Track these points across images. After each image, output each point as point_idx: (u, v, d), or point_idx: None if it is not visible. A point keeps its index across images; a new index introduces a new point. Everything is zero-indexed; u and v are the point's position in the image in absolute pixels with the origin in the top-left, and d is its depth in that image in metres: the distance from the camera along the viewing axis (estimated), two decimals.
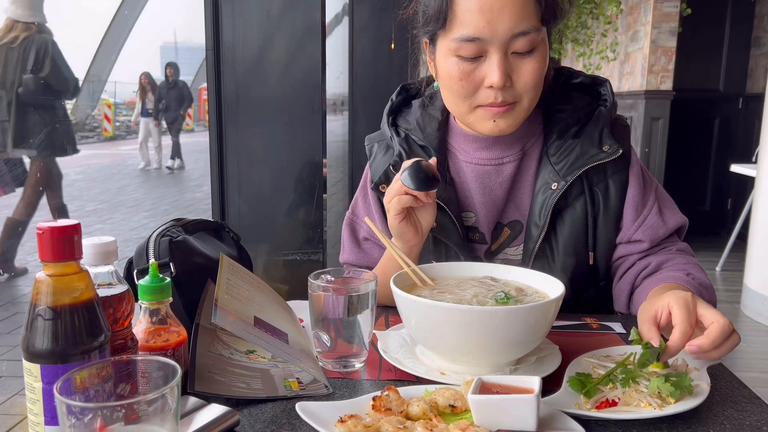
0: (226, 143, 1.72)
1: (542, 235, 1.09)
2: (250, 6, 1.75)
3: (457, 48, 0.98)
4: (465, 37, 0.96)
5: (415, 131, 1.15)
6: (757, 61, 5.49)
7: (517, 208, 1.14)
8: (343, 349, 0.88)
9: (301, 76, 1.80)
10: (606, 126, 1.11)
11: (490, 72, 0.97)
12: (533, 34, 0.96)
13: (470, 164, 1.13)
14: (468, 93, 1.01)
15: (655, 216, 1.12)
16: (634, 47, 5.16)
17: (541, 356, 0.90)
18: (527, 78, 0.99)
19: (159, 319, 0.79)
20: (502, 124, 1.03)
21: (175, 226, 1.01)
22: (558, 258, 1.11)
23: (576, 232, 1.11)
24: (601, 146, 1.09)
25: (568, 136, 1.10)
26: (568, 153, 1.09)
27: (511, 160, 1.12)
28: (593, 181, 1.11)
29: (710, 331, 0.79)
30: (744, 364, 3.16)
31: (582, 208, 1.11)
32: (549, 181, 1.09)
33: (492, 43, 0.96)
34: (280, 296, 1.05)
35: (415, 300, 0.83)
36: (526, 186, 1.14)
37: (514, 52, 0.98)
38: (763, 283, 3.74)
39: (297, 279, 1.81)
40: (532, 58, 0.98)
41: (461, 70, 0.99)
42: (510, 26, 0.95)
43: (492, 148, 1.12)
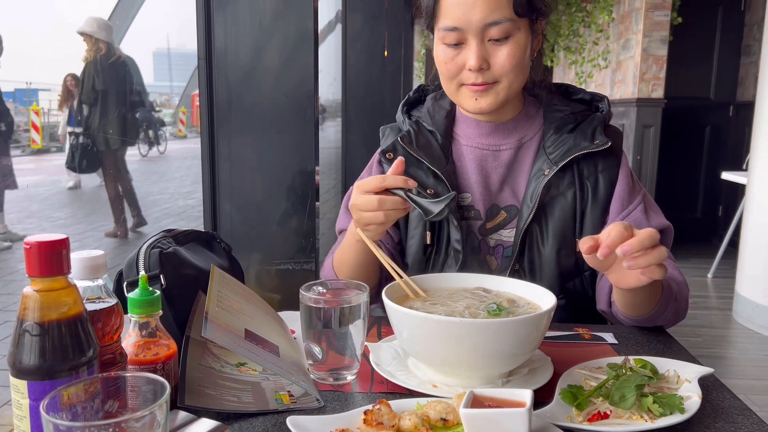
0: (218, 151, 1.72)
1: (531, 215, 1.17)
2: (242, 14, 1.75)
3: (442, 36, 1.13)
4: (447, 27, 1.11)
5: (425, 118, 1.29)
6: (747, 70, 5.53)
7: (513, 195, 1.23)
8: (334, 361, 0.88)
9: (294, 83, 1.80)
10: (599, 125, 1.21)
11: (468, 57, 1.11)
12: (506, 23, 1.09)
13: (470, 148, 1.24)
14: (452, 74, 1.14)
15: (639, 213, 1.19)
16: (626, 55, 5.19)
17: (533, 368, 0.90)
18: (503, 62, 1.11)
19: (149, 333, 0.78)
20: (483, 102, 1.14)
21: (166, 237, 1.00)
22: (547, 242, 1.18)
23: (565, 218, 1.18)
24: (593, 140, 1.19)
25: (563, 132, 1.21)
26: (562, 144, 1.19)
27: (507, 148, 1.23)
28: (584, 174, 1.20)
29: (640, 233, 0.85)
30: (737, 372, 3.17)
31: (572, 197, 1.19)
32: (542, 168, 1.19)
33: (468, 31, 1.10)
34: (272, 307, 1.05)
35: (407, 312, 0.82)
36: (523, 174, 1.23)
37: (491, 39, 1.10)
38: (754, 290, 3.75)
39: (289, 289, 1.80)
40: (507, 45, 1.10)
41: (446, 55, 1.13)
42: (482, 17, 1.08)
43: (491, 135, 1.23)
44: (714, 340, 3.61)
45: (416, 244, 1.23)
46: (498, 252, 1.23)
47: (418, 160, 1.21)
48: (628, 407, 0.76)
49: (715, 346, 3.53)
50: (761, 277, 3.71)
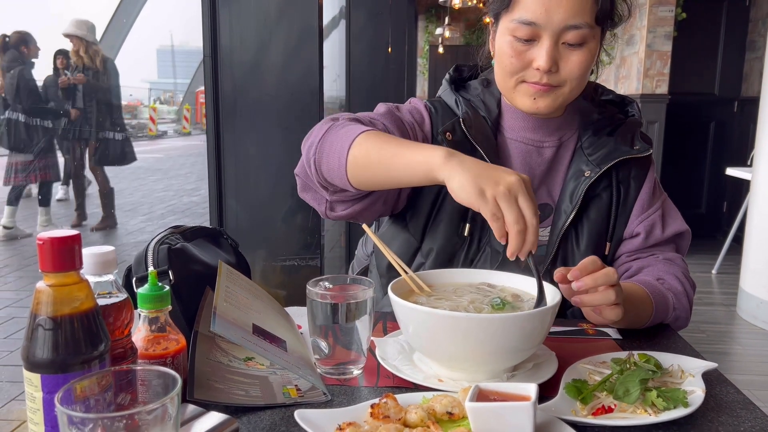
0: (223, 148, 1.73)
1: (571, 217, 1.16)
2: (247, 11, 1.76)
3: (514, 28, 1.07)
4: (523, 20, 1.05)
5: (477, 102, 1.23)
6: (751, 65, 5.52)
7: (548, 193, 1.23)
8: (341, 356, 0.89)
9: (299, 80, 1.81)
10: (637, 132, 1.23)
11: (539, 55, 1.06)
12: (585, 29, 1.05)
13: (515, 141, 1.22)
14: (516, 69, 1.10)
15: (657, 217, 1.21)
16: (630, 51, 5.18)
17: (537, 362, 0.91)
18: (572, 68, 1.08)
19: (158, 327, 0.79)
20: (541, 102, 1.11)
21: (174, 233, 1.01)
22: (582, 243, 1.18)
23: (600, 220, 1.19)
24: (633, 145, 1.20)
25: (602, 134, 1.21)
26: (602, 147, 1.19)
27: (550, 145, 1.22)
28: (620, 177, 1.21)
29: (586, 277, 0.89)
30: (741, 368, 3.17)
31: (608, 198, 1.20)
32: (582, 169, 1.18)
33: (546, 29, 1.05)
34: (278, 303, 1.06)
35: (412, 307, 0.83)
36: (560, 173, 1.23)
37: (565, 42, 1.06)
38: (758, 286, 3.75)
39: (295, 284, 1.81)
40: (580, 51, 1.07)
41: (514, 49, 1.08)
42: (564, 17, 1.04)
43: (536, 131, 1.21)
44: (718, 335, 3.61)
45: (446, 232, 1.16)
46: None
47: (474, 148, 1.15)
48: (632, 401, 0.77)
49: (719, 341, 3.53)
50: (765, 273, 3.71)
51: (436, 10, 9.24)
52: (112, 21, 7.50)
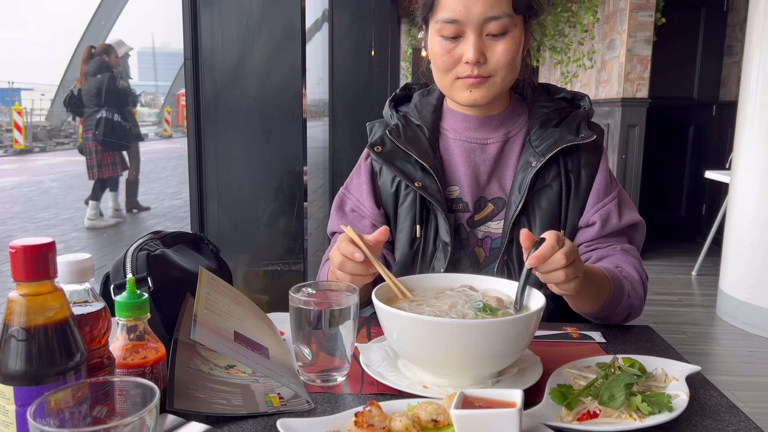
0: (204, 151, 1.70)
1: (520, 206, 1.19)
2: (229, 12, 1.74)
3: (440, 29, 1.14)
4: (446, 19, 1.12)
5: (412, 113, 1.30)
6: (729, 70, 5.60)
7: (501, 187, 1.26)
8: (324, 363, 0.87)
9: (281, 83, 1.79)
10: (583, 121, 1.25)
11: (466, 49, 1.12)
12: (504, 19, 1.11)
13: (458, 141, 1.26)
14: (449, 67, 1.16)
15: (613, 207, 1.23)
16: (611, 55, 5.23)
17: (522, 367, 0.90)
18: (499, 56, 1.13)
19: (137, 336, 0.77)
20: (477, 94, 1.16)
21: (153, 239, 0.99)
22: (535, 232, 1.19)
23: (551, 209, 1.22)
24: (578, 134, 1.22)
25: (549, 126, 1.24)
26: (548, 138, 1.22)
27: (494, 141, 1.25)
28: (569, 167, 1.23)
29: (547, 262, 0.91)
30: (720, 368, 3.21)
31: (557, 188, 1.22)
32: (530, 160, 1.21)
33: (468, 24, 1.11)
34: (261, 309, 1.04)
35: (396, 313, 0.82)
36: (509, 167, 1.26)
37: (488, 33, 1.12)
38: (737, 288, 3.80)
39: (278, 290, 1.79)
40: (504, 40, 1.13)
41: (443, 48, 1.15)
42: (482, 11, 1.10)
43: (478, 129, 1.25)
44: (698, 337, 3.65)
45: (405, 237, 1.24)
46: (486, 244, 1.25)
47: (406, 153, 1.22)
48: (617, 407, 0.77)
49: (700, 342, 3.57)
50: (744, 274, 3.76)
51: None
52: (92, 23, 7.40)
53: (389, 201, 1.27)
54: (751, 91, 3.71)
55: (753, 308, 3.65)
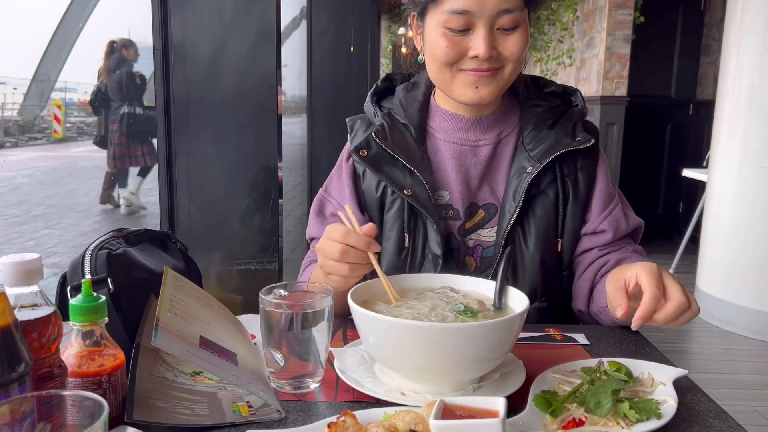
0: (175, 147, 1.64)
1: (515, 216, 1.12)
2: (201, 5, 1.68)
3: (446, 20, 1.05)
4: (455, 10, 1.03)
5: (397, 110, 1.21)
6: (706, 69, 5.64)
7: (492, 192, 1.19)
8: (297, 368, 0.83)
9: (256, 77, 1.74)
10: (579, 121, 1.19)
11: (476, 44, 1.04)
12: (517, 12, 1.04)
13: (448, 143, 1.18)
14: (452, 60, 1.07)
15: (619, 212, 1.19)
16: (590, 53, 5.24)
17: (504, 372, 0.86)
18: (512, 50, 1.06)
19: (93, 342, 0.72)
20: (483, 90, 1.08)
21: (116, 237, 0.94)
22: (530, 241, 1.14)
23: (547, 217, 1.15)
24: (575, 137, 1.16)
25: (543, 127, 1.17)
26: (543, 141, 1.15)
27: (486, 143, 1.18)
28: (565, 171, 1.16)
29: (666, 308, 0.88)
30: (698, 366, 3.22)
31: (554, 195, 1.16)
32: (524, 165, 1.15)
33: (480, 17, 1.03)
34: (230, 311, 0.99)
35: (373, 316, 0.78)
36: (502, 171, 1.19)
37: (499, 27, 1.05)
38: (714, 285, 3.82)
39: (252, 290, 1.74)
40: (516, 34, 1.06)
41: (449, 39, 1.06)
42: (496, 3, 1.02)
43: (470, 130, 1.17)
44: (676, 334, 3.66)
45: (392, 246, 1.16)
46: (477, 252, 1.18)
47: (393, 158, 1.13)
48: (603, 414, 0.73)
49: (678, 340, 3.59)
50: (720, 272, 3.78)
51: (399, 10, 9.22)
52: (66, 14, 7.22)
53: (374, 206, 1.18)
54: (728, 90, 3.74)
55: (729, 306, 3.68)
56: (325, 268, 0.93)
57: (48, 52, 7.64)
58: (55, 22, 7.21)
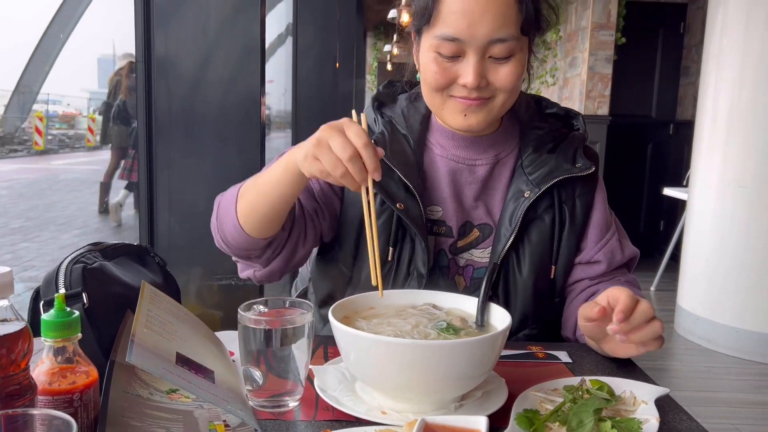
0: (156, 160, 1.62)
1: (511, 240, 1.10)
2: (185, 19, 1.67)
3: (437, 45, 1.02)
4: (445, 36, 1.00)
5: (398, 119, 1.18)
6: (686, 90, 5.74)
7: (488, 213, 1.16)
8: (276, 386, 0.81)
9: (240, 91, 1.73)
10: (580, 147, 1.16)
11: (465, 72, 1.01)
12: (511, 42, 1.00)
13: (444, 159, 1.15)
14: (442, 86, 1.04)
15: (615, 242, 1.17)
16: (573, 73, 5.31)
17: (487, 390, 0.85)
18: (502, 81, 1.03)
19: (65, 359, 0.70)
20: (472, 119, 1.06)
21: (92, 251, 0.92)
22: (524, 267, 1.12)
23: (542, 242, 1.13)
24: (575, 163, 1.13)
25: (543, 151, 1.15)
26: (543, 165, 1.13)
27: (483, 163, 1.15)
28: (563, 197, 1.14)
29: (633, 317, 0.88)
30: (679, 383, 3.23)
31: (550, 220, 1.13)
32: (522, 189, 1.12)
33: (470, 45, 1.00)
34: (209, 327, 0.97)
35: (354, 333, 0.77)
36: (499, 192, 1.16)
37: (491, 56, 1.01)
38: (694, 303, 3.85)
39: (232, 305, 1.71)
40: (509, 64, 1.02)
41: (439, 65, 1.03)
42: (488, 32, 0.98)
43: (467, 148, 1.15)
44: (657, 352, 3.66)
45: None
46: (468, 272, 1.15)
47: (390, 169, 1.09)
48: None
49: (658, 358, 3.60)
50: (700, 290, 3.82)
51: (385, 28, 9.30)
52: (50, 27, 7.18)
53: (356, 213, 1.13)
54: (707, 111, 3.80)
55: (709, 323, 3.71)
56: (317, 151, 0.86)
57: (31, 63, 7.57)
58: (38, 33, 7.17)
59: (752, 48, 3.47)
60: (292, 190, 0.97)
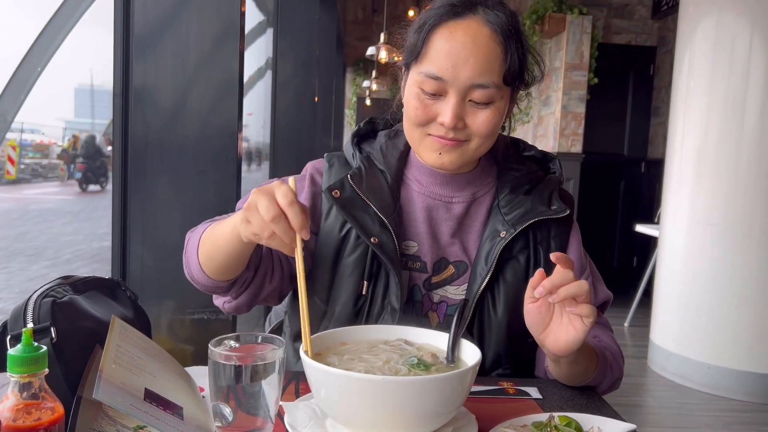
0: (130, 191, 1.62)
1: (486, 279, 1.11)
2: (164, 50, 1.69)
3: (421, 81, 1.05)
4: (430, 74, 1.03)
5: (376, 155, 1.20)
6: (656, 129, 5.90)
7: (464, 251, 1.17)
8: (245, 423, 0.80)
9: (217, 124, 1.74)
10: (555, 190, 1.19)
11: (444, 111, 1.04)
12: (492, 89, 1.03)
13: (421, 195, 1.17)
14: (422, 122, 1.07)
15: (590, 285, 1.15)
16: (547, 111, 5.43)
17: (457, 427, 0.86)
18: (479, 126, 1.06)
19: (31, 395, 0.69)
20: (446, 158, 1.08)
21: (62, 284, 0.91)
22: (499, 306, 1.13)
23: (517, 283, 1.13)
24: (550, 205, 1.16)
25: (519, 192, 1.17)
26: (519, 206, 1.15)
27: (460, 201, 1.17)
28: (538, 238, 1.16)
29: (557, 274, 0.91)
30: (652, 420, 3.24)
31: (525, 261, 1.14)
32: (498, 229, 1.14)
33: (452, 85, 1.03)
34: (178, 363, 0.96)
35: (324, 369, 0.77)
36: (475, 231, 1.18)
37: (471, 100, 1.04)
38: (667, 339, 3.90)
39: (204, 340, 1.69)
40: (488, 110, 1.05)
41: (421, 101, 1.06)
42: (470, 76, 1.02)
43: (445, 186, 1.17)
44: (630, 388, 3.70)
45: (348, 292, 1.12)
46: (441, 309, 1.15)
47: (365, 204, 1.11)
48: None
49: (632, 394, 3.62)
50: (673, 325, 3.86)
51: (364, 64, 9.44)
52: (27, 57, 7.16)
53: (331, 246, 1.14)
54: (676, 150, 3.91)
55: (682, 359, 3.75)
56: (247, 214, 0.88)
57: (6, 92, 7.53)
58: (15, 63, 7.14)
59: (718, 90, 3.60)
60: (242, 247, 0.99)
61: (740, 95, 3.51)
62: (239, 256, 1.01)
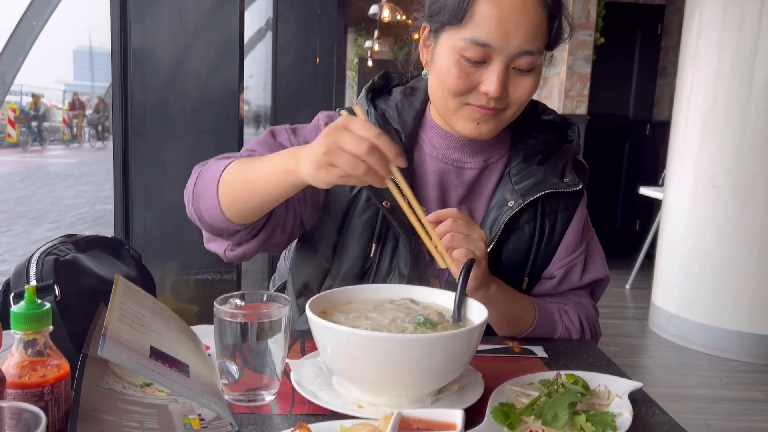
0: (131, 152, 1.60)
1: (490, 247, 1.08)
2: (162, 10, 1.65)
3: (464, 48, 0.98)
4: (476, 40, 0.97)
5: (391, 113, 1.15)
6: (662, 91, 5.82)
7: (471, 217, 1.13)
8: (252, 381, 0.80)
9: (218, 85, 1.71)
10: (570, 162, 1.15)
11: (488, 80, 0.99)
12: (537, 55, 1.00)
13: (434, 158, 1.13)
14: (461, 91, 1.01)
15: (579, 261, 1.16)
16: (552, 72, 5.35)
17: (463, 384, 0.86)
18: (521, 93, 1.02)
19: (36, 352, 0.69)
20: (484, 127, 1.04)
21: (65, 243, 0.90)
22: (499, 275, 1.10)
23: (519, 253, 1.12)
24: (563, 178, 1.12)
25: (532, 162, 1.13)
26: (530, 176, 1.12)
27: (472, 167, 1.14)
28: (546, 211, 1.13)
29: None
30: (652, 380, 3.28)
31: (530, 233, 1.12)
32: (507, 198, 1.11)
33: (500, 53, 0.98)
34: (184, 321, 0.96)
35: (331, 327, 0.76)
36: (483, 198, 1.15)
37: (515, 67, 1.00)
38: (668, 301, 3.92)
39: (208, 300, 1.69)
40: (530, 77, 1.02)
41: (461, 69, 1.00)
42: (521, 42, 0.97)
43: (459, 150, 1.13)
44: (631, 349, 3.73)
45: (356, 253, 1.10)
46: (443, 276, 1.14)
47: None
48: (560, 427, 0.73)
49: (632, 355, 3.66)
50: (675, 287, 3.88)
51: (366, 24, 9.29)
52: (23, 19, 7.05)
53: (341, 205, 1.10)
54: (683, 111, 3.86)
55: (683, 321, 3.77)
56: (331, 158, 0.81)
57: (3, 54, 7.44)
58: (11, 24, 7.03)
59: (727, 50, 3.53)
60: (288, 193, 0.94)
61: (750, 55, 3.44)
62: (278, 201, 0.97)
